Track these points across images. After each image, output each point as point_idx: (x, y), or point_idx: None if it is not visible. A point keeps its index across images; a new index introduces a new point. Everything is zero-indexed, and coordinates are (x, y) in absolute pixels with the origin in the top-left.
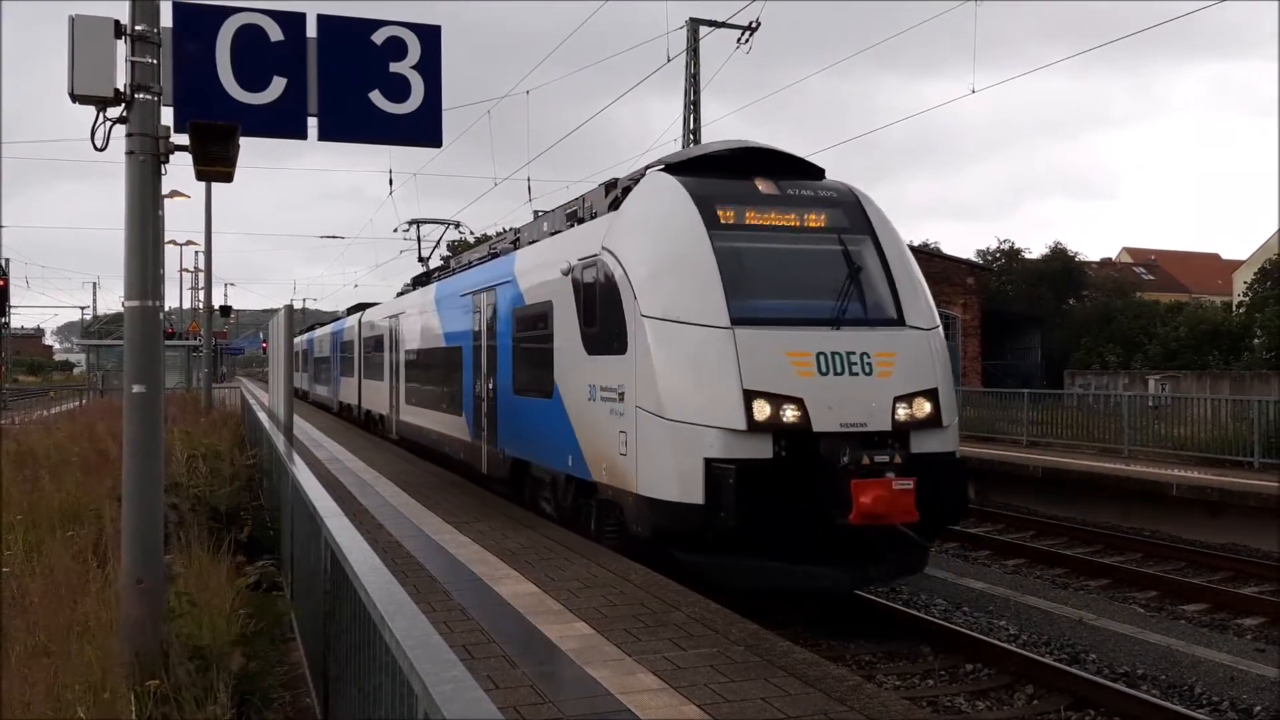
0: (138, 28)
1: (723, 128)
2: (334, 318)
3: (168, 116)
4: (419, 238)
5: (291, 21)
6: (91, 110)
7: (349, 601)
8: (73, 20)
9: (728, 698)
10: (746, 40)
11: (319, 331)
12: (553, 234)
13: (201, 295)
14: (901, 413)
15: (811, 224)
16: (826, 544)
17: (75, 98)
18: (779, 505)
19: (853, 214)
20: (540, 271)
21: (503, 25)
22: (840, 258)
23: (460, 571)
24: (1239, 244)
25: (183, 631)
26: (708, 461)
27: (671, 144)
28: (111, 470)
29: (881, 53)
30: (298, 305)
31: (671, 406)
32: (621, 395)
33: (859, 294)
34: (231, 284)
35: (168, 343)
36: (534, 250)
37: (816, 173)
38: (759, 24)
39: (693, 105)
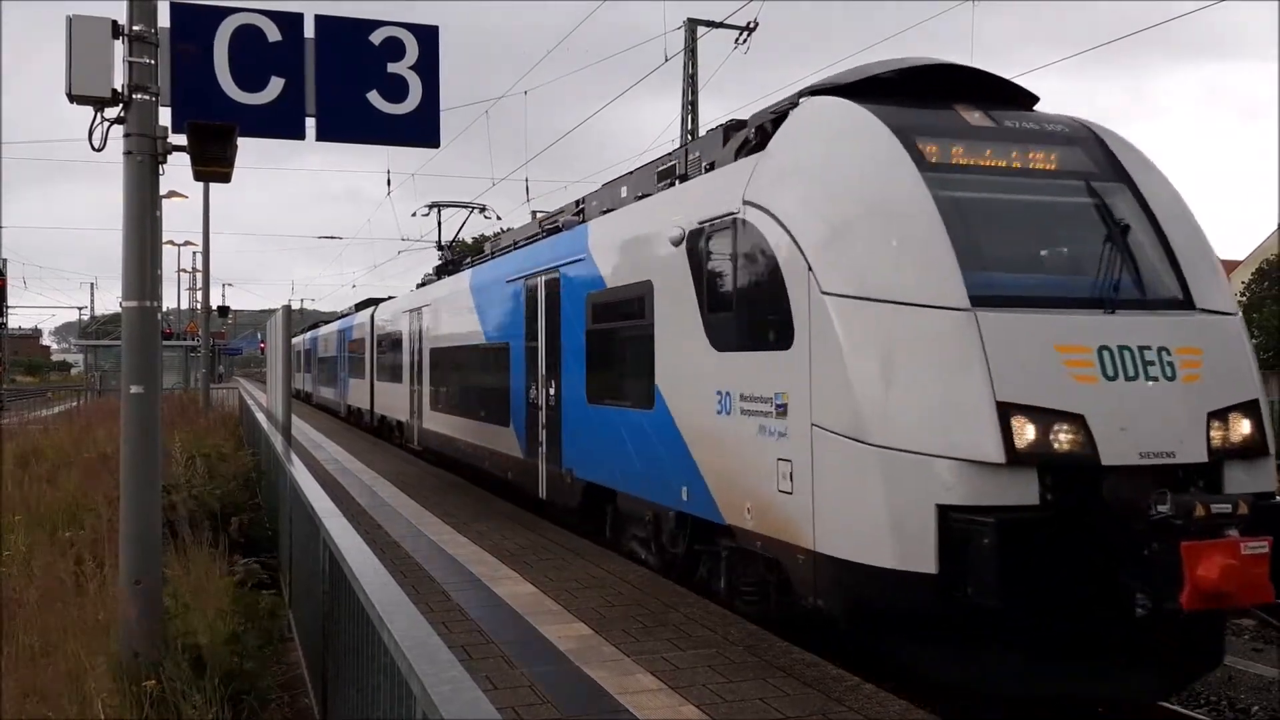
0: (135, 28)
1: None
2: (334, 317)
3: (165, 117)
4: (439, 223)
5: (289, 22)
6: (89, 110)
7: (347, 602)
8: (70, 20)
9: (726, 698)
10: (744, 40)
11: (324, 330)
12: (640, 198)
13: (199, 295)
14: (1216, 435)
15: (1039, 166)
16: (1122, 633)
17: (73, 98)
18: (1060, 578)
19: (1095, 154)
20: (631, 244)
21: (502, 26)
22: (1094, 212)
23: (459, 572)
24: (1235, 245)
25: (179, 631)
26: (943, 510)
27: (669, 144)
28: (110, 471)
29: (879, 53)
30: (296, 306)
31: (879, 426)
32: (782, 408)
33: (1131, 264)
34: (229, 284)
35: (165, 343)
36: (617, 219)
37: (1028, 99)
38: (757, 24)
39: (690, 105)
